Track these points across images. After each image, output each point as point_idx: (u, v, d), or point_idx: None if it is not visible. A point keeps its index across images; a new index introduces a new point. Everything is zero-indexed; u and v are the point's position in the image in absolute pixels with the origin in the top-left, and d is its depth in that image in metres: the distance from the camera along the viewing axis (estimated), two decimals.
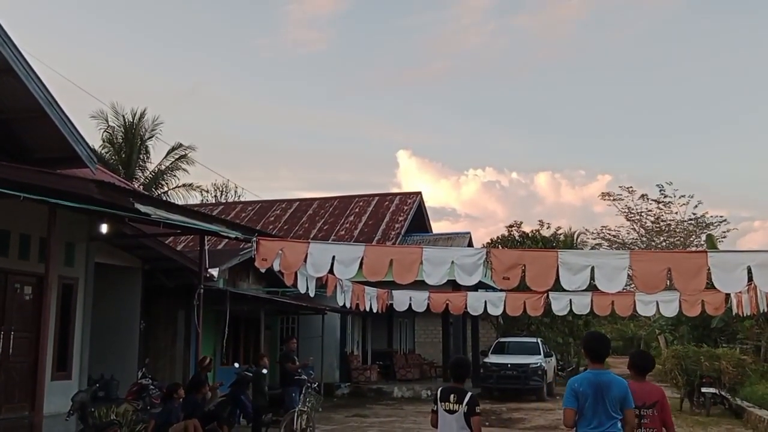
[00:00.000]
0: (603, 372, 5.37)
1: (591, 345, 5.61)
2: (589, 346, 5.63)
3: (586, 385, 5.30)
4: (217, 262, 16.87)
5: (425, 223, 30.40)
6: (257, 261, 9.30)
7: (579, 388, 5.32)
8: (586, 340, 5.80)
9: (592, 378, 5.32)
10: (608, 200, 43.98)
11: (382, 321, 28.40)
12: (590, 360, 5.53)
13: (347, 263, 9.01)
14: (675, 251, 25.28)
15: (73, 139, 11.50)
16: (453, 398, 6.18)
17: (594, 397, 5.23)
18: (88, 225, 12.25)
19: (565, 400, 5.40)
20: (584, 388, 5.28)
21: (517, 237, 33.58)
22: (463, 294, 15.68)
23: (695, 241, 40.22)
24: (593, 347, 5.56)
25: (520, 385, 21.70)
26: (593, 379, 5.31)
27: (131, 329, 14.45)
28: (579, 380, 5.40)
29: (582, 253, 11.61)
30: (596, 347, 5.56)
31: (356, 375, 23.95)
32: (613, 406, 5.22)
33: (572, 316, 24.64)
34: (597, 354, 5.51)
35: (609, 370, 5.46)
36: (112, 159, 32.83)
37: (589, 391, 5.25)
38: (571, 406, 5.32)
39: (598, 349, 5.54)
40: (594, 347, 5.56)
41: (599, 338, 5.77)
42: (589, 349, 5.58)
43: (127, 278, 14.48)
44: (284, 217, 29.14)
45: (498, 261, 8.55)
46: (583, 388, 5.29)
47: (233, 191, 47.59)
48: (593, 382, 5.29)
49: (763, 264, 7.82)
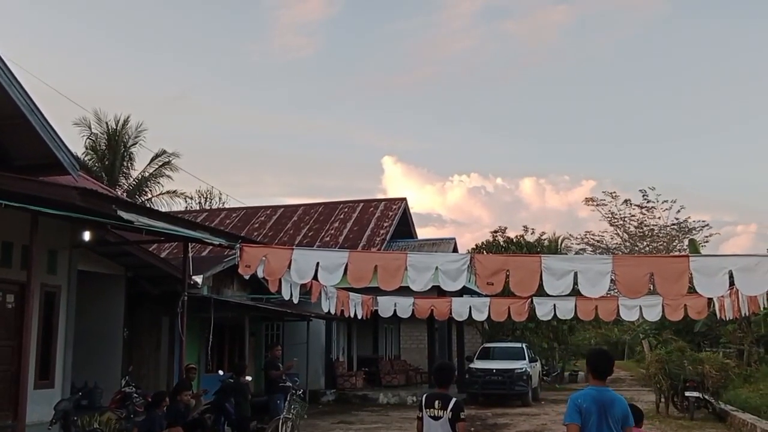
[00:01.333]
0: (606, 389, 5.27)
1: (595, 361, 5.47)
2: (593, 362, 5.48)
3: (590, 401, 5.17)
4: (201, 269, 16.82)
5: (410, 228, 30.43)
6: (241, 268, 9.28)
7: (583, 404, 5.18)
8: (590, 357, 5.62)
9: (595, 395, 5.21)
10: (592, 205, 44.35)
11: (368, 327, 28.36)
12: (593, 377, 5.40)
13: (331, 269, 9.01)
14: (657, 256, 25.44)
15: (55, 146, 11.42)
16: (438, 404, 6.17)
17: (598, 414, 5.12)
18: (70, 232, 12.16)
19: (569, 415, 5.21)
20: (588, 405, 5.15)
21: (502, 242, 33.73)
22: (447, 300, 15.72)
23: (678, 245, 40.57)
24: (598, 364, 5.44)
25: (505, 390, 21.73)
26: (597, 396, 5.20)
27: (114, 337, 14.35)
28: (582, 396, 5.25)
29: (565, 258, 11.67)
30: (601, 364, 5.44)
31: (341, 381, 23.89)
32: (615, 424, 5.12)
33: (557, 321, 24.74)
34: (601, 371, 5.39)
35: (610, 387, 5.36)
36: (95, 166, 32.64)
37: (593, 408, 5.14)
38: (575, 421, 5.15)
39: (602, 366, 5.42)
40: (598, 364, 5.43)
41: (604, 355, 5.65)
42: (594, 366, 5.43)
43: (110, 286, 14.38)
44: (269, 224, 29.06)
45: (482, 266, 8.58)
46: (587, 404, 5.16)
47: (218, 198, 47.41)
48: (597, 399, 5.17)
49: (745, 268, 7.90)
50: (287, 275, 9.64)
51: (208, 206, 44.83)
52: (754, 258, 8.05)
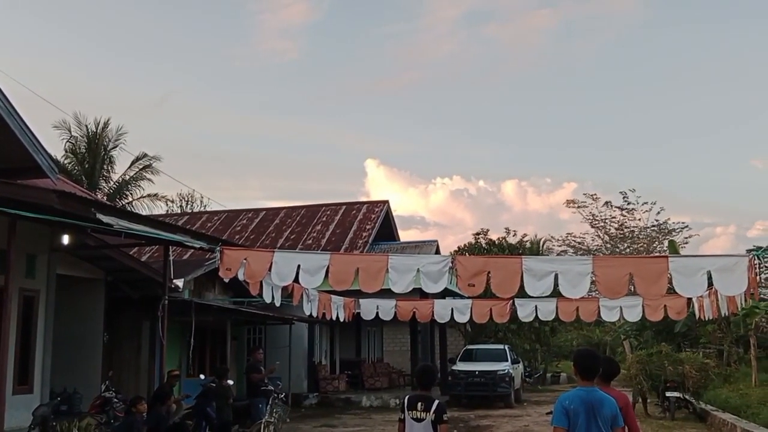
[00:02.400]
0: (593, 389, 5.17)
1: (583, 361, 5.34)
2: (581, 362, 5.35)
3: (577, 402, 5.06)
4: (182, 273, 16.72)
5: (393, 231, 30.45)
6: (221, 271, 9.23)
7: (570, 405, 5.06)
8: (578, 357, 5.48)
9: (583, 395, 5.10)
10: (573, 207, 44.59)
11: (350, 330, 28.34)
12: (581, 377, 5.27)
13: (313, 272, 8.99)
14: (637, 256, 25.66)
15: (34, 149, 11.31)
16: (420, 406, 6.17)
17: (586, 415, 5.02)
18: (49, 236, 12.06)
19: (556, 418, 5.09)
20: (576, 406, 5.04)
21: (484, 245, 33.85)
22: (429, 302, 15.73)
23: (658, 247, 40.90)
24: (585, 364, 5.31)
25: (488, 392, 21.80)
26: (585, 396, 5.09)
27: (94, 341, 14.23)
28: (570, 398, 5.13)
29: (546, 259, 11.73)
30: (588, 364, 5.32)
31: (324, 385, 23.83)
32: (605, 425, 5.03)
33: (538, 323, 24.87)
34: (589, 371, 5.28)
35: (597, 387, 5.28)
36: (75, 169, 32.38)
37: (581, 409, 5.03)
38: (562, 425, 5.04)
39: (590, 365, 5.31)
40: (586, 364, 5.31)
41: (591, 355, 5.55)
42: (581, 366, 5.30)
43: (89, 290, 14.26)
44: (251, 227, 28.96)
45: (463, 268, 8.60)
46: (574, 405, 5.05)
47: (199, 201, 47.17)
48: (585, 400, 5.06)
49: (723, 269, 7.97)
50: (268, 278, 9.61)
51: (189, 210, 44.57)
52: (733, 258, 8.13)
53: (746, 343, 23.12)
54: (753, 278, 7.87)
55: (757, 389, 17.85)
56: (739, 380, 20.35)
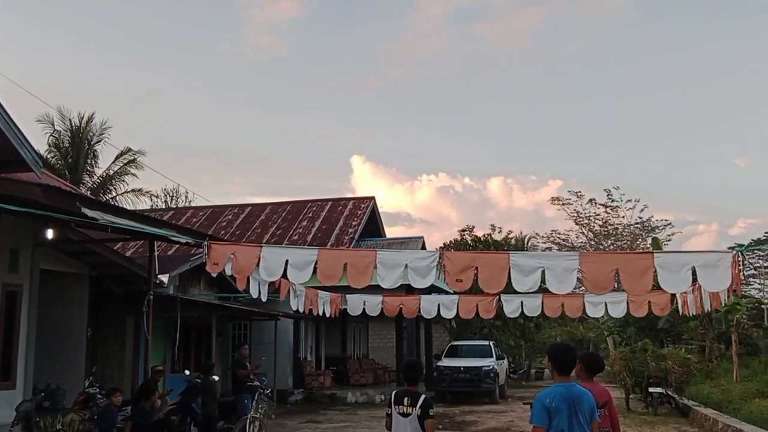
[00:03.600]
0: (572, 384, 5.02)
1: (559, 356, 5.18)
2: (556, 356, 5.19)
3: (558, 399, 4.87)
4: (167, 268, 16.62)
5: (379, 227, 30.45)
6: (208, 265, 9.19)
7: (551, 403, 4.85)
8: (554, 352, 5.29)
9: (564, 391, 4.92)
10: (558, 205, 44.89)
11: (336, 326, 28.33)
12: (558, 372, 5.11)
13: (301, 267, 8.97)
14: (623, 252, 25.83)
15: (17, 142, 11.14)
16: (407, 401, 6.20)
17: (568, 411, 4.85)
18: (33, 230, 11.92)
19: (536, 417, 4.87)
20: (557, 403, 4.85)
21: (470, 241, 33.96)
22: (416, 297, 15.78)
23: (641, 244, 41.27)
24: (562, 358, 5.16)
25: (472, 388, 21.88)
26: (565, 392, 4.92)
27: (78, 337, 14.10)
28: (550, 395, 4.91)
29: (533, 254, 11.81)
30: (564, 358, 5.17)
31: (310, 381, 23.81)
32: (585, 420, 4.89)
33: (523, 319, 25.01)
34: (565, 365, 5.12)
35: (575, 382, 5.15)
36: (59, 163, 32.08)
37: (563, 405, 4.85)
38: (543, 424, 4.82)
39: (566, 360, 5.16)
40: (562, 358, 5.16)
41: (567, 349, 5.39)
42: (557, 361, 5.15)
43: (73, 285, 14.13)
44: (236, 222, 28.85)
45: (451, 263, 8.62)
46: (555, 403, 4.85)
47: (184, 196, 46.89)
48: (566, 396, 4.89)
49: (707, 264, 8.07)
50: (256, 273, 9.58)
51: (174, 205, 44.33)
52: (716, 254, 8.22)
53: (728, 340, 23.37)
54: (737, 274, 7.97)
55: (738, 385, 18.07)
56: (721, 376, 20.59)
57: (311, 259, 8.98)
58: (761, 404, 14.42)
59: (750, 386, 17.29)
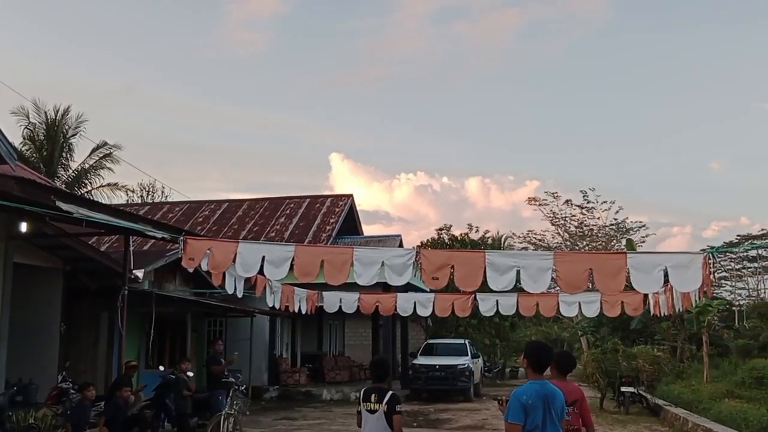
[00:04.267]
0: (545, 382, 5.08)
1: (535, 354, 5.23)
2: (535, 355, 5.22)
3: (534, 397, 4.90)
4: (143, 263, 16.52)
5: (357, 225, 30.46)
6: (184, 260, 9.16)
7: (528, 401, 4.88)
8: (529, 349, 5.33)
9: (539, 389, 4.96)
10: (534, 205, 45.14)
11: (312, 323, 28.30)
12: (533, 370, 5.13)
13: (277, 263, 8.97)
14: (596, 252, 26.08)
15: None
16: (374, 398, 6.22)
17: (543, 408, 4.90)
18: (7, 224, 11.78)
19: (512, 414, 4.86)
20: (533, 401, 4.88)
21: (447, 240, 34.09)
22: (393, 295, 15.82)
23: (616, 245, 41.63)
24: (538, 356, 5.21)
25: (448, 386, 21.99)
26: (541, 390, 4.96)
27: (51, 332, 13.97)
28: (527, 392, 4.94)
29: (508, 253, 11.88)
30: (541, 356, 5.22)
31: (285, 378, 23.78)
32: (557, 417, 4.95)
33: (499, 318, 25.18)
34: (540, 364, 5.18)
35: (548, 380, 5.20)
36: (33, 156, 31.66)
37: (539, 403, 4.89)
38: (519, 421, 4.83)
39: (541, 357, 5.22)
40: (538, 356, 5.21)
41: (543, 347, 5.43)
42: (533, 359, 5.18)
43: (47, 279, 13.99)
44: (213, 218, 28.69)
45: (427, 261, 8.68)
46: (532, 400, 4.88)
47: (160, 191, 46.48)
48: (541, 394, 4.93)
49: (678, 265, 8.21)
50: (232, 269, 9.57)
51: (150, 200, 43.93)
52: (688, 255, 8.37)
53: (699, 341, 23.66)
54: (707, 275, 8.13)
55: (708, 385, 18.32)
56: (692, 376, 20.85)
57: (288, 255, 8.99)
58: (730, 404, 14.64)
59: (720, 387, 17.55)
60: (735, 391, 16.85)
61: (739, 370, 20.07)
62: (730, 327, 24.79)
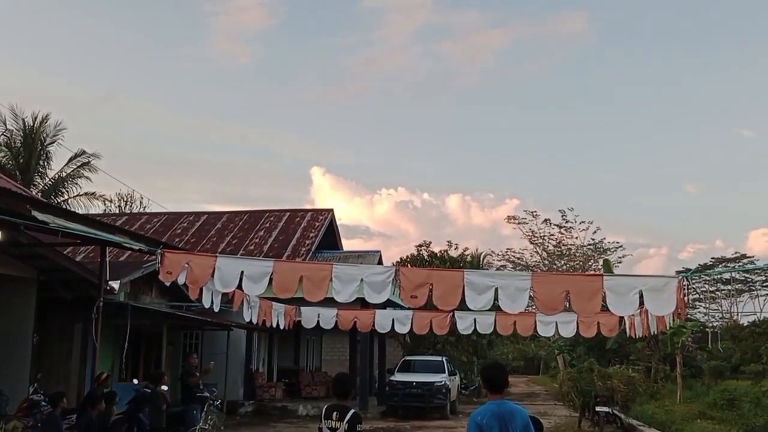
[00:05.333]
0: (504, 402, 5.18)
1: (490, 375, 5.36)
2: (487, 375, 5.38)
3: (489, 417, 5.04)
4: (119, 275, 16.35)
5: (336, 240, 30.42)
6: (162, 274, 9.08)
7: (482, 421, 5.03)
8: (484, 370, 5.49)
9: (495, 409, 5.09)
10: (514, 223, 45.48)
11: (290, 338, 28.12)
12: (489, 391, 5.29)
13: (256, 279, 8.93)
14: (574, 274, 26.28)
15: None
16: (335, 416, 6.16)
17: (499, 428, 5.01)
18: None
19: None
20: (488, 421, 5.02)
21: (426, 257, 34.13)
22: (371, 312, 15.79)
23: (593, 265, 42.07)
24: (492, 377, 5.33)
25: (424, 403, 21.92)
26: (496, 410, 5.08)
27: (23, 343, 13.74)
28: (482, 413, 5.10)
29: (487, 273, 11.95)
30: (495, 377, 5.32)
31: (261, 393, 23.57)
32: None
33: (476, 336, 25.18)
34: (496, 384, 5.29)
35: (508, 400, 5.30)
36: (9, 164, 31.27)
37: (494, 422, 5.01)
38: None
39: (496, 378, 5.31)
40: (493, 377, 5.33)
41: (498, 368, 5.50)
42: (488, 380, 5.33)
43: (20, 289, 13.78)
44: (191, 230, 28.50)
45: (406, 279, 8.69)
46: (486, 420, 5.02)
47: (138, 202, 46.10)
48: (497, 414, 5.06)
49: (653, 289, 8.30)
50: (210, 284, 9.50)
51: (128, 210, 43.56)
52: (663, 279, 8.47)
53: (673, 361, 23.91)
54: (681, 299, 8.22)
55: (681, 406, 18.50)
56: (665, 397, 21.03)
57: (267, 270, 8.95)
58: (702, 425, 14.78)
59: (693, 407, 17.72)
60: (707, 412, 17.02)
61: (712, 392, 20.29)
62: (703, 348, 25.08)
